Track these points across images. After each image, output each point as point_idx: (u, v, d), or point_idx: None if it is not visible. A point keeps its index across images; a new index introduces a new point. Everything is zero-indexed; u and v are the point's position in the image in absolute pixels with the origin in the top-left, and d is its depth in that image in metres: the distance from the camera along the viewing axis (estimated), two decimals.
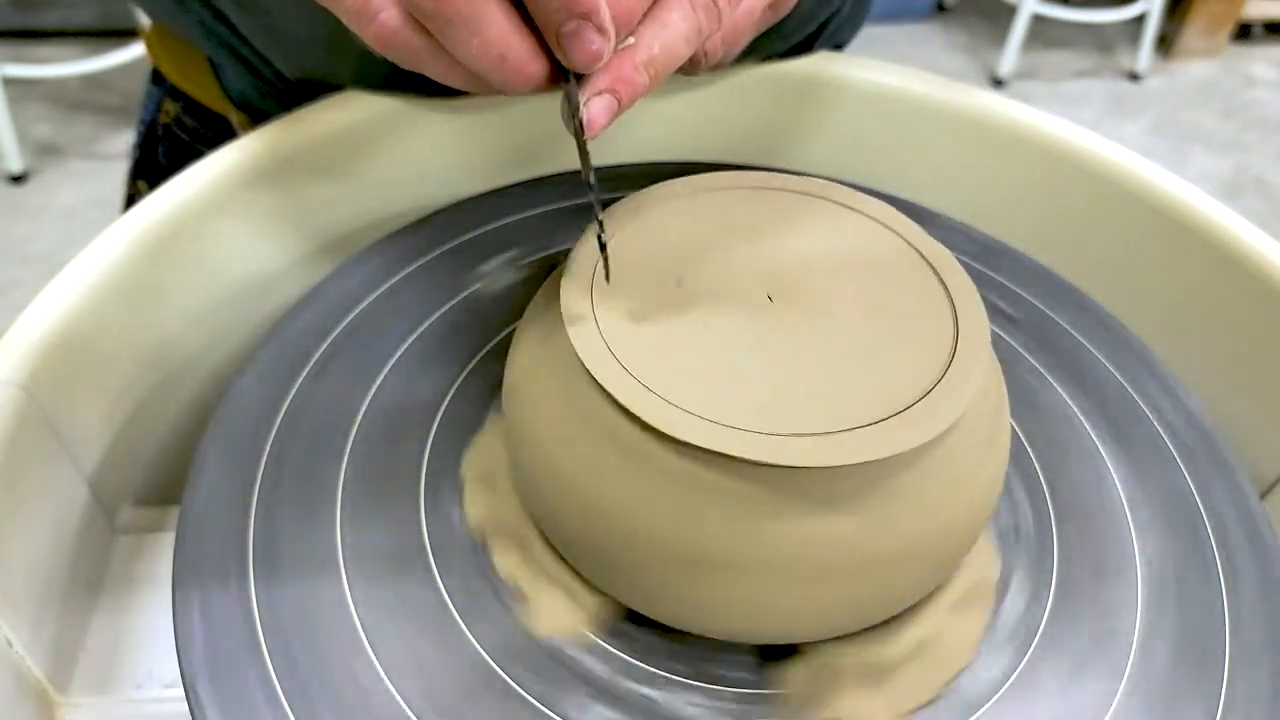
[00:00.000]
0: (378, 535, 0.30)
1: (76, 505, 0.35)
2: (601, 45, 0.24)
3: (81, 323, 0.34)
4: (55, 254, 1.62)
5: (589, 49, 0.24)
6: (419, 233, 0.40)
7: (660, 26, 0.26)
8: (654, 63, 0.26)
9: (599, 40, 0.24)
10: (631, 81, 0.26)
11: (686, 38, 0.27)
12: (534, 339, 0.29)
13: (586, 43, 0.24)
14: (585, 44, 0.24)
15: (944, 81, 0.47)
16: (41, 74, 1.78)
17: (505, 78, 0.25)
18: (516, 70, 0.25)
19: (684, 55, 0.27)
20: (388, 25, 0.25)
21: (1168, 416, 0.36)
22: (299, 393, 0.34)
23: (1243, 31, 2.40)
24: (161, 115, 0.55)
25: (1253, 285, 0.39)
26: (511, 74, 0.25)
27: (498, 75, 0.25)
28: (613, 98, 0.26)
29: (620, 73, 0.26)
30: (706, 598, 0.26)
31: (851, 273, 0.29)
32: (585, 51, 0.24)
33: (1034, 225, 0.46)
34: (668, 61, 0.27)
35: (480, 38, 0.24)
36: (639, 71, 0.26)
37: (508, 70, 0.25)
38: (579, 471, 0.26)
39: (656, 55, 0.26)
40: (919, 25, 2.44)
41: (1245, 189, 2.00)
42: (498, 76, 0.25)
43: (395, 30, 0.25)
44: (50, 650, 0.31)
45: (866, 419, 0.25)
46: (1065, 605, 0.30)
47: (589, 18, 0.24)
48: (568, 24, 0.24)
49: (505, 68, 0.25)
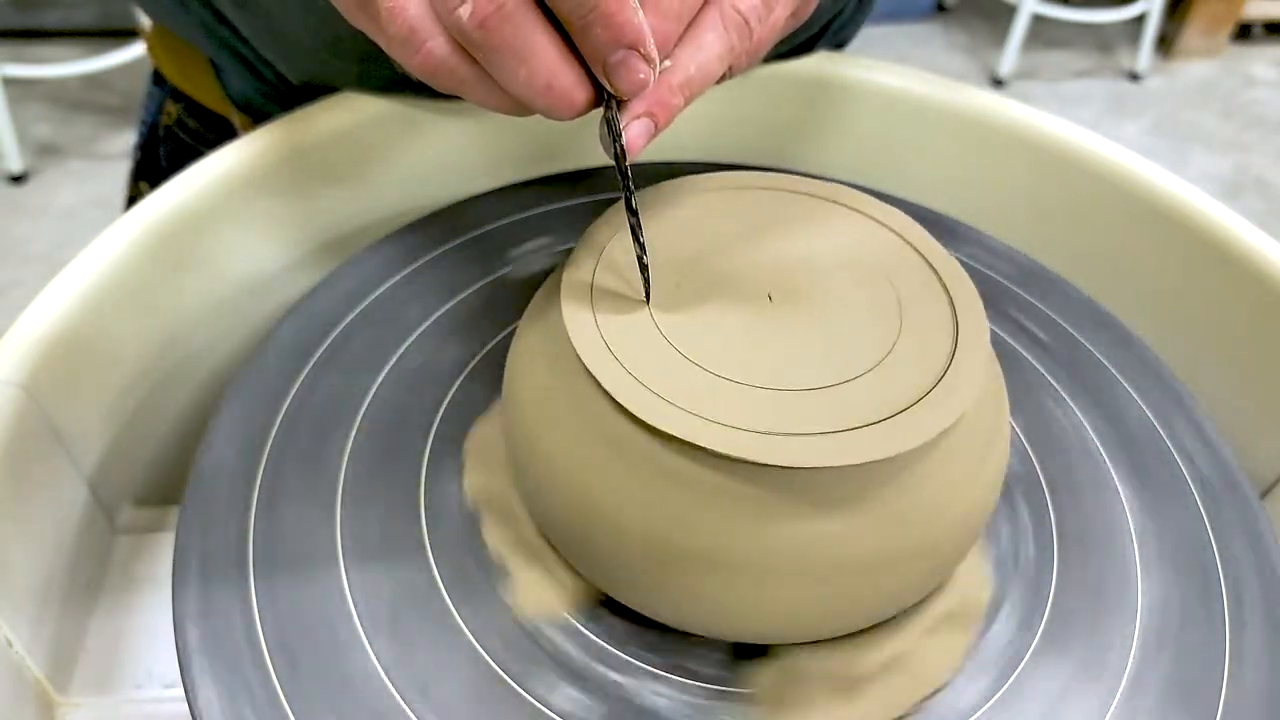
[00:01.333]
0: (378, 533, 0.30)
1: (76, 505, 0.35)
2: (648, 74, 0.24)
3: (81, 323, 0.34)
4: (55, 254, 1.62)
5: (636, 78, 0.24)
6: (439, 223, 0.41)
7: (696, 49, 0.27)
8: (690, 84, 0.26)
9: (645, 69, 0.24)
10: (668, 104, 0.26)
11: (720, 56, 0.27)
12: (534, 338, 0.29)
13: (634, 71, 0.24)
14: (633, 73, 0.24)
15: (944, 81, 0.47)
16: (41, 74, 1.78)
17: (551, 105, 0.25)
18: (562, 97, 0.25)
19: (718, 74, 0.27)
20: (435, 54, 0.25)
21: (1196, 461, 0.35)
22: (299, 391, 0.34)
23: (1243, 31, 2.40)
24: (163, 117, 0.55)
25: (1253, 285, 0.39)
26: (557, 101, 0.25)
27: (544, 102, 0.25)
28: (650, 120, 0.26)
29: (658, 96, 0.26)
30: (707, 596, 0.26)
31: (852, 273, 0.29)
32: (632, 80, 0.24)
33: (1034, 225, 0.46)
34: (703, 82, 0.27)
35: (527, 66, 0.24)
36: (675, 94, 0.26)
37: (554, 98, 0.25)
38: (577, 470, 0.26)
39: (693, 76, 0.26)
40: (919, 25, 2.44)
41: (1245, 189, 2.00)
42: (544, 104, 0.25)
43: (442, 59, 0.25)
44: (50, 650, 0.31)
45: (866, 419, 0.25)
46: (1056, 634, 0.29)
47: (636, 47, 0.24)
48: (615, 54, 0.24)
49: (551, 95, 0.25)
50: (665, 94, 0.26)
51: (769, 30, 0.30)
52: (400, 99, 0.43)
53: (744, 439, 0.24)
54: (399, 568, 0.29)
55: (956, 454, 0.26)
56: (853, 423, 0.25)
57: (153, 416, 0.39)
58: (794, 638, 0.28)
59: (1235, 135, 2.15)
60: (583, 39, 0.24)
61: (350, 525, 0.30)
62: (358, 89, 0.42)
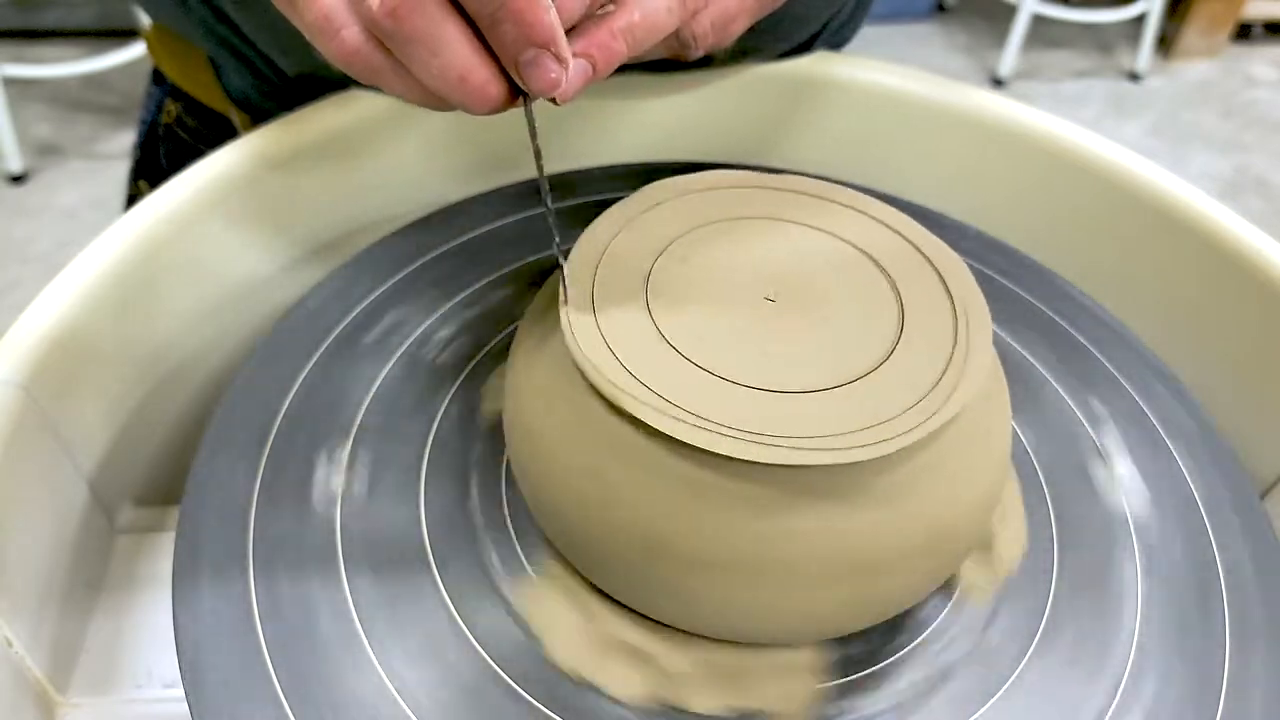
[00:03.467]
0: (378, 533, 0.30)
1: (76, 505, 0.35)
2: (559, 73, 0.24)
3: (81, 323, 0.34)
4: (55, 254, 1.62)
5: (547, 77, 0.24)
6: (438, 224, 0.41)
7: None
8: (633, 29, 0.26)
9: (557, 68, 0.24)
10: (608, 48, 0.26)
11: (670, 8, 0.27)
12: (534, 338, 0.29)
13: (545, 70, 0.24)
14: (544, 72, 0.24)
15: (944, 81, 0.47)
16: (41, 74, 1.78)
17: (465, 98, 0.25)
18: (476, 91, 0.25)
19: (666, 26, 0.27)
20: (348, 43, 0.25)
21: (1194, 456, 0.35)
22: (299, 391, 0.34)
23: (1243, 31, 2.40)
24: (163, 115, 0.55)
25: (1253, 285, 0.39)
26: (471, 95, 0.25)
27: (458, 96, 0.25)
28: (588, 63, 0.25)
29: (597, 38, 0.25)
30: (706, 597, 0.26)
31: (852, 272, 0.29)
32: (544, 80, 0.24)
33: (1034, 225, 0.46)
34: (648, 31, 0.26)
35: (440, 58, 0.24)
36: (616, 38, 0.26)
37: (468, 91, 0.25)
38: (577, 470, 0.26)
39: (636, 23, 0.26)
40: (919, 25, 2.44)
41: (1245, 189, 2.00)
42: (458, 97, 0.25)
43: (356, 48, 0.25)
44: (50, 650, 0.31)
45: (865, 420, 0.25)
46: (1056, 632, 0.30)
47: (547, 46, 0.24)
48: (526, 52, 0.24)
49: (465, 89, 0.25)
50: (606, 37, 0.25)
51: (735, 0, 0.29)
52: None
53: (743, 439, 0.24)
54: (399, 567, 0.29)
55: (957, 453, 0.26)
56: (852, 423, 0.25)
57: (153, 416, 0.39)
58: (794, 638, 0.28)
59: (1235, 135, 2.15)
60: (493, 36, 0.24)
61: (350, 525, 0.30)
62: (353, 84, 0.42)
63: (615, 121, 0.47)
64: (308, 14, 0.25)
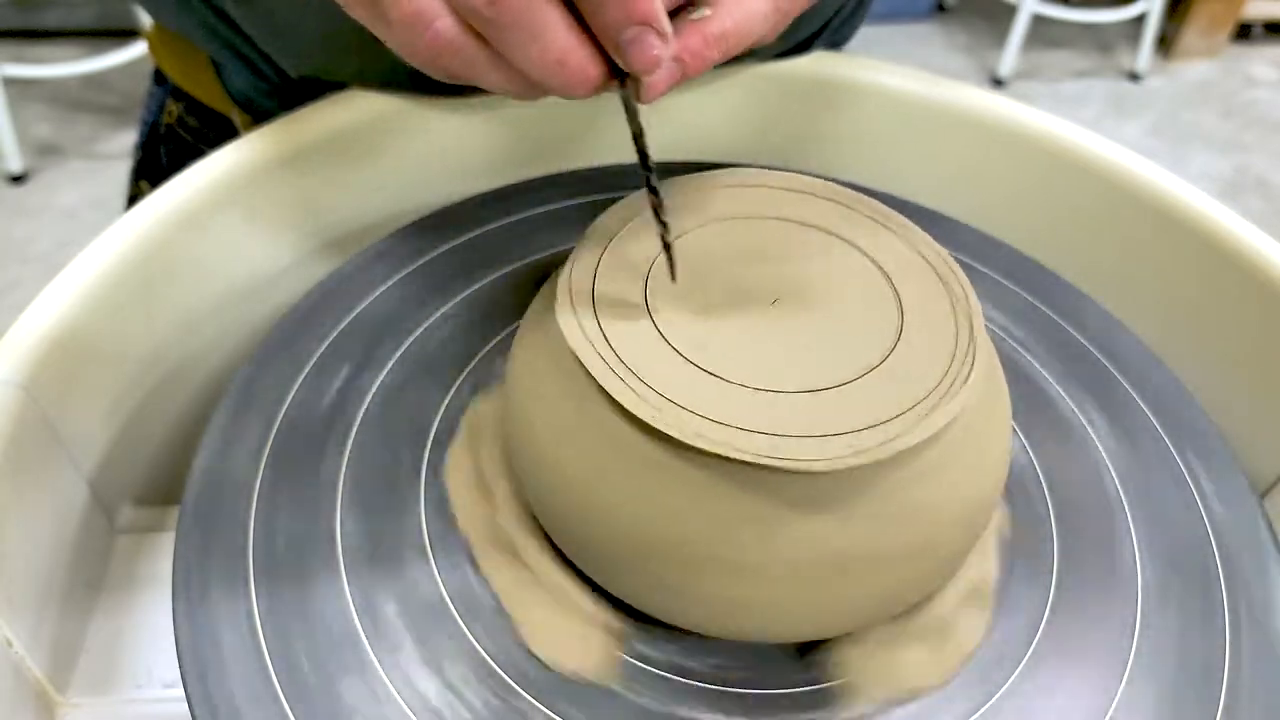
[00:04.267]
0: (379, 533, 0.30)
1: (76, 505, 0.35)
2: (662, 50, 0.24)
3: (81, 323, 0.34)
4: (55, 254, 1.62)
5: (649, 54, 0.24)
6: (439, 222, 0.41)
7: (737, 2, 0.26)
8: (726, 38, 0.26)
9: (659, 45, 0.24)
10: (700, 55, 0.25)
11: (765, 16, 0.26)
12: (536, 337, 0.29)
13: (648, 48, 0.24)
14: (646, 49, 0.24)
15: (944, 81, 0.47)
16: (41, 74, 1.78)
17: (565, 82, 0.25)
18: (576, 73, 0.24)
19: (758, 36, 0.27)
20: (443, 35, 0.24)
21: (1193, 453, 0.35)
22: (300, 391, 0.34)
23: (1243, 31, 2.40)
24: (164, 116, 0.55)
25: (1253, 285, 0.39)
26: (571, 77, 0.24)
27: (558, 80, 0.25)
28: (679, 66, 0.25)
29: (689, 43, 0.25)
30: (708, 597, 0.26)
31: (852, 273, 0.29)
32: (646, 58, 0.24)
33: (1034, 225, 0.46)
34: (740, 39, 0.26)
35: (539, 43, 0.24)
36: (710, 46, 0.25)
37: (568, 74, 0.24)
38: (577, 470, 0.26)
39: (729, 30, 0.26)
40: (919, 25, 2.44)
41: (1245, 189, 2.00)
42: (558, 81, 0.25)
43: (450, 40, 0.25)
44: (50, 650, 0.31)
45: (866, 420, 0.25)
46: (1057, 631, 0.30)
47: (649, 23, 0.23)
48: (628, 31, 0.23)
49: (565, 72, 0.24)
50: (698, 43, 0.25)
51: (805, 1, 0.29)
52: (400, 96, 0.43)
53: (742, 439, 0.24)
54: (399, 568, 0.29)
55: (956, 453, 0.26)
56: (852, 424, 0.25)
57: (153, 416, 0.39)
58: (794, 638, 0.28)
59: (1235, 135, 2.15)
60: (595, 16, 0.24)
61: (351, 525, 0.30)
62: (358, 83, 0.42)
63: (613, 121, 0.47)
64: (395, 11, 0.24)
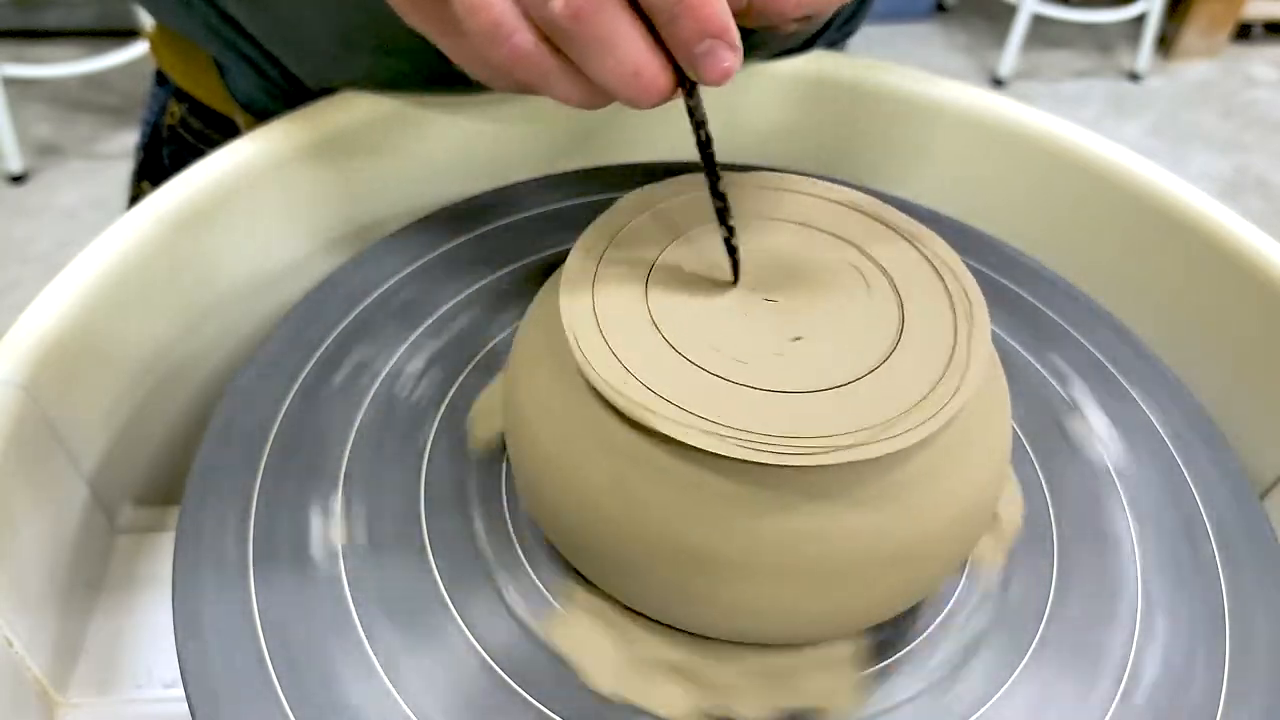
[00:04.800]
0: (379, 532, 0.30)
1: (76, 505, 0.35)
2: (734, 63, 0.24)
3: (81, 323, 0.34)
4: (55, 254, 1.62)
5: (721, 66, 0.24)
6: (443, 220, 0.41)
7: None
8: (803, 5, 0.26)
9: (731, 58, 0.24)
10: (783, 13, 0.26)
11: None
12: (536, 335, 0.29)
13: (720, 60, 0.24)
14: (718, 61, 0.24)
15: (945, 81, 0.47)
16: (41, 74, 1.78)
17: (637, 93, 0.25)
18: (649, 84, 0.25)
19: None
20: (521, 48, 0.25)
21: (1193, 452, 0.35)
22: (300, 390, 0.34)
23: (1243, 31, 2.40)
24: (166, 117, 0.55)
25: (1253, 285, 0.39)
26: (644, 89, 0.25)
27: (630, 91, 0.25)
28: (739, 56, 0.25)
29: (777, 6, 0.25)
30: (708, 598, 0.26)
31: (852, 272, 0.29)
32: (718, 69, 0.24)
33: (1034, 225, 0.46)
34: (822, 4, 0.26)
35: (615, 55, 0.24)
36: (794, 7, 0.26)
37: (641, 86, 0.25)
38: (575, 469, 0.26)
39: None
40: (919, 25, 2.44)
41: (1245, 189, 2.00)
42: (630, 92, 0.25)
43: (528, 52, 0.25)
44: (50, 650, 0.31)
45: (866, 418, 0.25)
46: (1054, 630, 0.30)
47: (722, 36, 0.24)
48: (701, 44, 0.24)
49: (639, 83, 0.25)
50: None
51: None
52: (405, 95, 0.43)
53: (742, 439, 0.24)
54: (400, 567, 0.29)
55: (958, 451, 0.26)
56: (852, 423, 0.25)
57: (153, 416, 0.39)
58: (794, 638, 0.28)
59: (1235, 135, 2.15)
60: (669, 30, 0.24)
61: (351, 524, 0.30)
62: (367, 83, 0.42)
63: (611, 121, 0.47)
64: (471, 21, 0.25)
